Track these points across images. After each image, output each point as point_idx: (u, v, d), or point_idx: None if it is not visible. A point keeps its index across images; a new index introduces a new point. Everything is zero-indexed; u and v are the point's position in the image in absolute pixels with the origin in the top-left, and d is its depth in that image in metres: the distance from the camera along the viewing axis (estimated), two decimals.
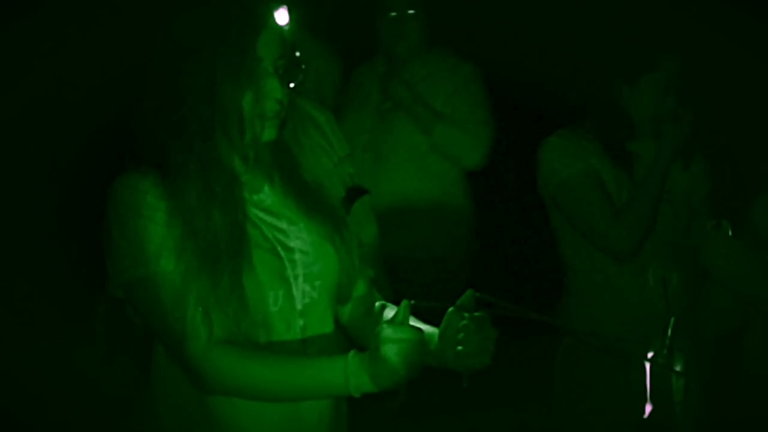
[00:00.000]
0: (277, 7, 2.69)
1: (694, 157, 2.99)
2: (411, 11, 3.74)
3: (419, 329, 1.90)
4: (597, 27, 3.03)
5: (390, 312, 2.18)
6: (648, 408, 2.86)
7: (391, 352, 1.85)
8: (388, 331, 1.87)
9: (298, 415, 2.05)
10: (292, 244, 2.06)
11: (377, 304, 2.24)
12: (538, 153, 3.00)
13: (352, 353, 1.93)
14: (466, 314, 2.00)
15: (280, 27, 2.03)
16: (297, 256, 2.05)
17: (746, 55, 3.05)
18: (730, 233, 2.29)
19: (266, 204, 2.08)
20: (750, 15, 2.94)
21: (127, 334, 2.10)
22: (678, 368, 2.88)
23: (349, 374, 1.90)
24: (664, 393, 2.89)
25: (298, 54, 2.71)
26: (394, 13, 3.74)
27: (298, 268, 2.04)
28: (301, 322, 2.05)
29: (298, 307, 2.04)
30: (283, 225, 2.07)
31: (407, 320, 1.91)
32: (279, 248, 2.03)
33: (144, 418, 2.12)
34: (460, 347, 1.99)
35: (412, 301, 1.96)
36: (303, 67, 2.04)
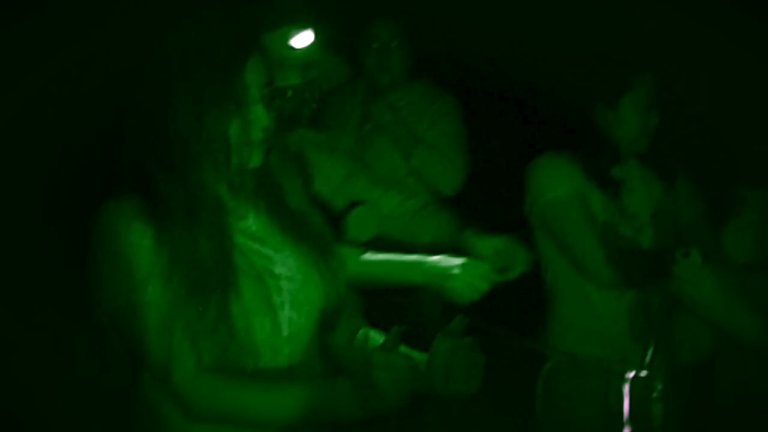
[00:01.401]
0: (301, 29, 2.70)
1: (678, 178, 3.02)
2: (395, 43, 3.77)
3: (409, 356, 1.91)
4: (571, 54, 3.05)
5: (377, 336, 2.19)
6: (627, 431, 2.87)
7: (381, 378, 1.86)
8: (378, 358, 1.87)
9: None
10: (278, 270, 2.05)
11: (361, 332, 2.24)
12: (527, 173, 3.02)
13: (340, 379, 1.94)
14: (454, 340, 2.00)
15: (266, 55, 2.03)
16: (283, 282, 2.05)
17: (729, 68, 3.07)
18: (700, 261, 2.30)
19: (252, 230, 2.07)
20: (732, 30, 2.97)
21: (111, 363, 2.08)
22: (657, 391, 2.90)
23: (339, 401, 1.91)
24: (643, 417, 2.89)
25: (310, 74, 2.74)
26: (377, 45, 3.77)
27: (284, 295, 2.04)
28: (287, 348, 2.04)
29: (285, 333, 2.04)
30: (269, 251, 2.07)
31: (397, 346, 1.91)
32: (265, 275, 2.03)
33: None
34: (448, 373, 1.98)
35: (403, 327, 1.96)
36: (289, 94, 2.05)
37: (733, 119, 2.77)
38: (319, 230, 2.19)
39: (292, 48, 2.71)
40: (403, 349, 1.99)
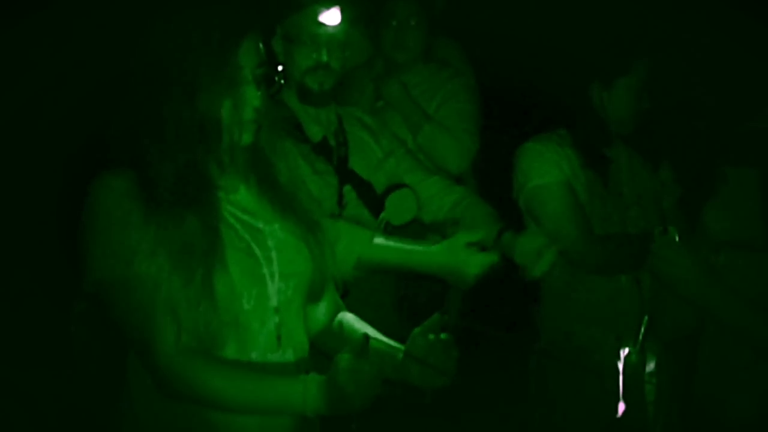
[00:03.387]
0: (329, 6, 2.76)
1: (662, 163, 3.06)
2: (413, 21, 3.78)
3: (377, 360, 1.99)
4: (571, 35, 3.08)
5: (351, 321, 2.29)
6: (621, 407, 2.90)
7: (347, 382, 1.94)
8: (344, 362, 1.95)
9: (272, 419, 2.11)
10: (268, 242, 2.12)
11: (337, 319, 2.32)
12: (514, 158, 3.05)
13: (311, 377, 2.02)
14: (431, 335, 2.10)
15: (260, 36, 2.09)
16: (273, 254, 2.12)
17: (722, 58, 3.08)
18: (677, 239, 2.33)
19: (242, 204, 2.14)
20: (720, 19, 2.98)
21: (104, 334, 2.15)
22: (650, 367, 2.94)
23: (307, 398, 1.99)
24: (637, 393, 2.93)
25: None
26: (395, 22, 3.79)
27: (274, 266, 2.11)
28: (276, 319, 2.11)
29: (274, 304, 2.11)
30: (259, 224, 2.13)
31: (366, 353, 1.98)
32: (255, 247, 2.09)
33: (121, 417, 2.17)
34: (424, 366, 2.09)
35: (371, 336, 2.06)
36: (279, 76, 2.10)
37: (715, 101, 2.79)
38: (307, 206, 2.24)
39: (322, 25, 2.77)
40: (377, 341, 2.11)
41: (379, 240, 2.65)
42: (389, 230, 2.87)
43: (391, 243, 2.65)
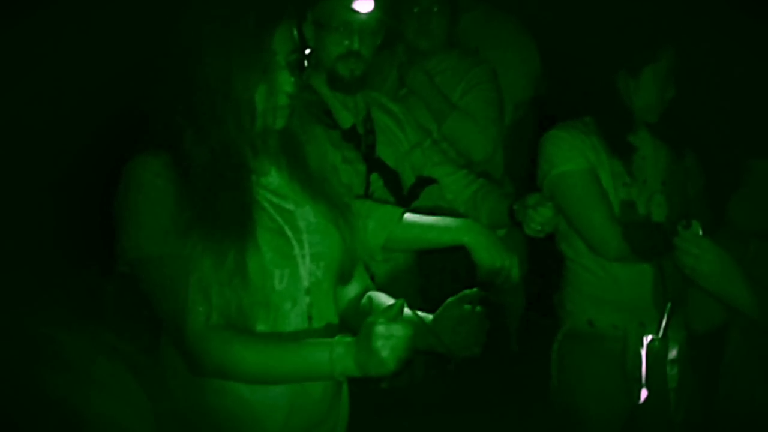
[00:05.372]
0: None
1: (685, 151, 3.07)
2: (435, 8, 3.79)
3: (410, 325, 2.00)
4: (598, 21, 3.08)
5: (382, 297, 2.31)
6: (644, 393, 2.92)
7: (382, 346, 1.95)
8: (380, 327, 1.96)
9: (304, 388, 2.15)
10: (299, 224, 2.15)
11: (366, 297, 2.34)
12: (539, 145, 3.07)
13: (337, 339, 2.04)
14: (467, 306, 2.13)
15: (294, 22, 2.11)
16: (304, 236, 2.15)
17: (741, 49, 3.09)
18: (700, 233, 2.33)
19: (274, 186, 2.17)
20: (746, 10, 2.98)
21: (138, 312, 2.18)
22: (673, 354, 2.96)
23: (334, 360, 2.01)
24: (660, 379, 2.94)
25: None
26: (417, 9, 3.79)
27: (305, 248, 2.14)
28: (307, 299, 2.15)
29: (305, 284, 2.14)
30: (290, 206, 2.17)
31: (400, 317, 2.01)
32: (287, 229, 2.13)
33: (155, 394, 2.20)
34: (454, 336, 2.13)
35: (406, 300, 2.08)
36: (305, 63, 2.13)
37: (742, 92, 2.80)
38: (337, 189, 2.28)
39: (355, 12, 2.78)
40: (410, 314, 2.13)
41: (407, 216, 2.64)
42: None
43: (421, 219, 2.63)
